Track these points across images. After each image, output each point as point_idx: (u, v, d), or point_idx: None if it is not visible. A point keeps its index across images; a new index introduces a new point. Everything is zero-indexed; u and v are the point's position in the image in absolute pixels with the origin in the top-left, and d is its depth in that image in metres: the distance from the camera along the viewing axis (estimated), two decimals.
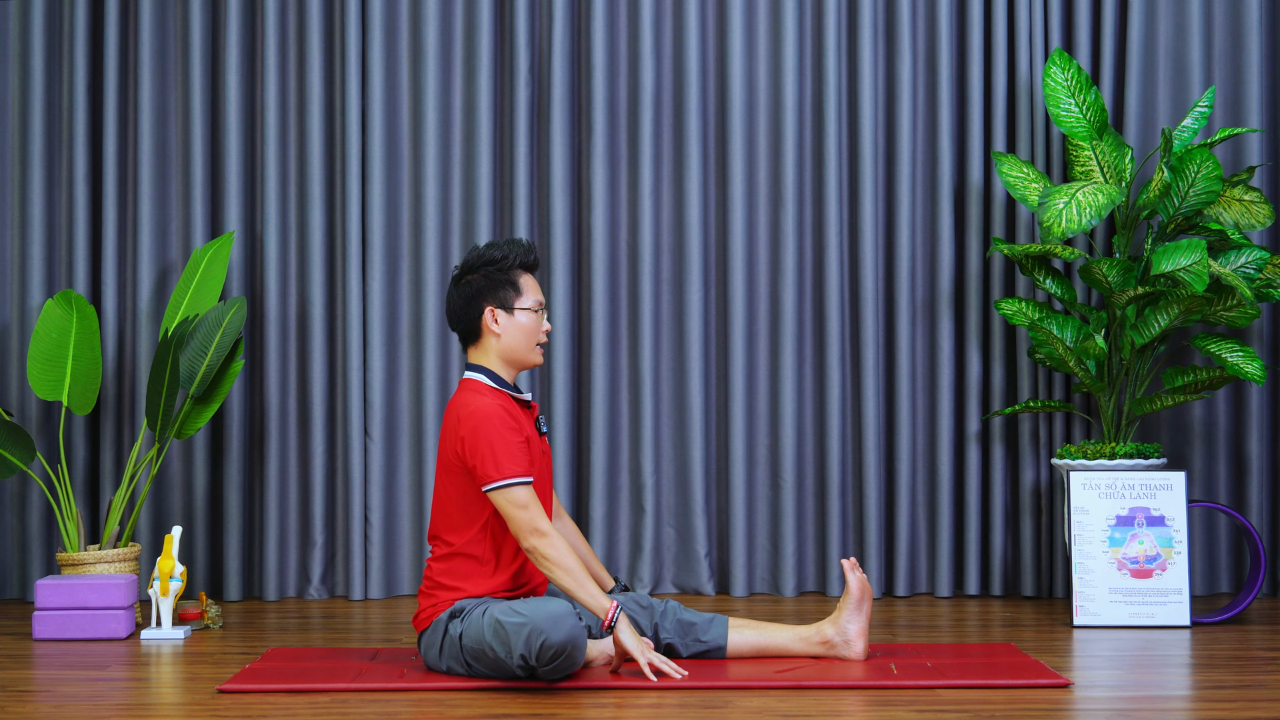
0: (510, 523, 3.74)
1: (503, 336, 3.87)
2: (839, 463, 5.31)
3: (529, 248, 3.92)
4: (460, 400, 3.83)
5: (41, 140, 5.33)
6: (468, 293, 3.88)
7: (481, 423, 3.76)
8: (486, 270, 3.88)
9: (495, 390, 3.85)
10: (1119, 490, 4.70)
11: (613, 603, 3.72)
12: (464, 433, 3.77)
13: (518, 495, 3.73)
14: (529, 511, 3.71)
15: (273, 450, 5.32)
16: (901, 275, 5.33)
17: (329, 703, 3.58)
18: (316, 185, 5.33)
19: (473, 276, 3.89)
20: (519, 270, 3.90)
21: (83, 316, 5.06)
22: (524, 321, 3.88)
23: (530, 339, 3.89)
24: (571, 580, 3.70)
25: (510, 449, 3.75)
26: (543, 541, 3.70)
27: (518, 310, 3.87)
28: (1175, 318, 4.79)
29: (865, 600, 3.96)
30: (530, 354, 3.91)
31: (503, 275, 3.87)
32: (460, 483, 3.83)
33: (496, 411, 3.77)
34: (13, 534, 5.33)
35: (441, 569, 3.85)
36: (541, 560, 3.71)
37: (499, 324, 3.86)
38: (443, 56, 5.35)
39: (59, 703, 3.66)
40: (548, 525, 3.72)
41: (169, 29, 5.36)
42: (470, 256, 3.91)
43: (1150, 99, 5.28)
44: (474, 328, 3.89)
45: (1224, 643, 4.36)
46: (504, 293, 3.87)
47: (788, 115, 5.31)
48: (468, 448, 3.77)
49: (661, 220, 5.37)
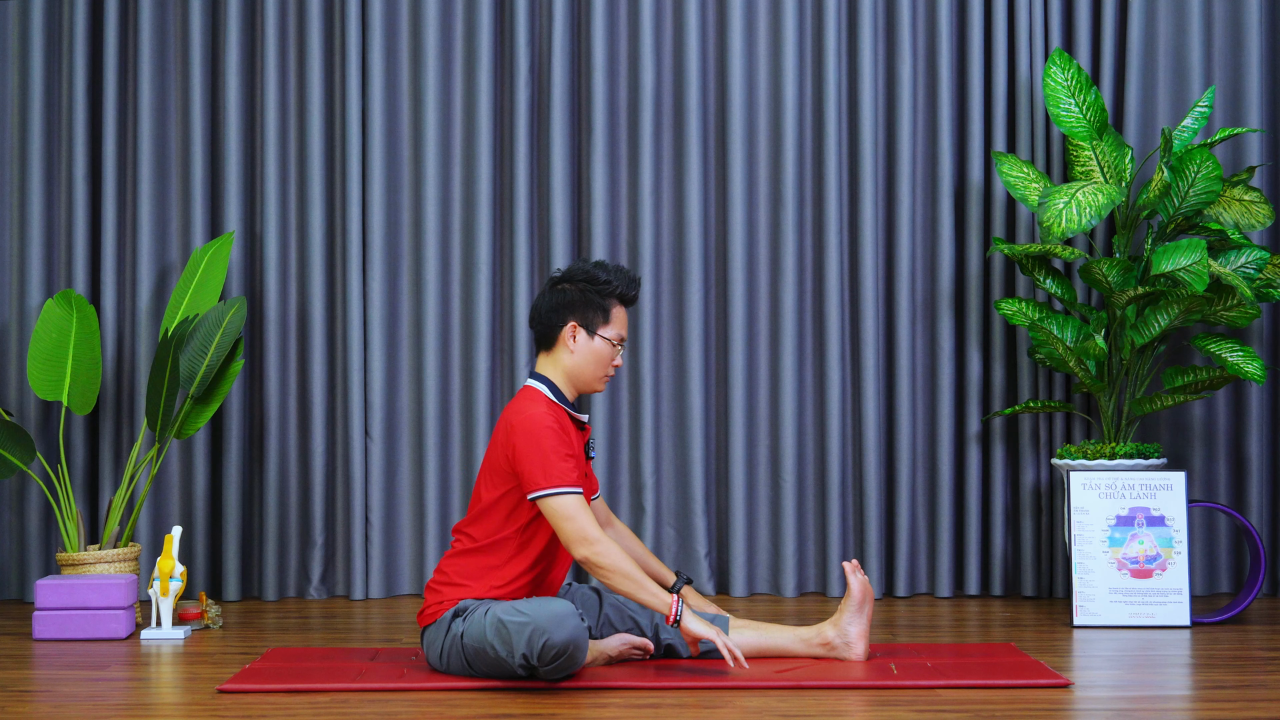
0: (560, 535, 3.72)
1: (575, 355, 3.88)
2: (839, 463, 5.31)
3: (633, 282, 3.92)
4: (517, 407, 3.83)
5: (41, 140, 5.33)
6: (559, 300, 3.88)
7: (534, 431, 3.75)
8: (584, 286, 3.88)
9: (552, 403, 3.85)
10: (1119, 490, 4.70)
11: (674, 597, 3.72)
12: (516, 439, 3.77)
13: (566, 505, 3.71)
14: (577, 522, 3.70)
15: (272, 450, 5.32)
16: (901, 275, 5.33)
17: (329, 703, 3.58)
18: (316, 185, 5.33)
19: (569, 286, 3.89)
20: (614, 300, 3.90)
21: (83, 316, 5.06)
22: (600, 348, 3.88)
23: (600, 367, 3.90)
24: (630, 583, 3.70)
25: (561, 459, 3.74)
26: (593, 550, 3.69)
27: (599, 336, 3.88)
28: (1175, 318, 4.79)
29: (867, 603, 3.96)
30: (595, 381, 3.91)
31: (598, 298, 3.88)
32: (503, 487, 3.82)
33: (550, 422, 3.77)
34: (12, 534, 5.33)
35: (456, 566, 3.84)
36: (596, 570, 3.70)
37: (576, 341, 3.87)
38: (443, 57, 5.35)
39: (59, 703, 3.66)
40: (597, 533, 3.71)
41: (169, 29, 5.36)
42: (574, 267, 3.92)
43: (1150, 99, 5.29)
44: (552, 335, 3.89)
45: (1224, 643, 4.36)
46: (592, 314, 3.87)
47: (788, 115, 5.31)
48: (519, 454, 3.76)
49: (661, 220, 5.37)
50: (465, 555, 3.85)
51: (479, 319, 5.32)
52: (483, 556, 3.83)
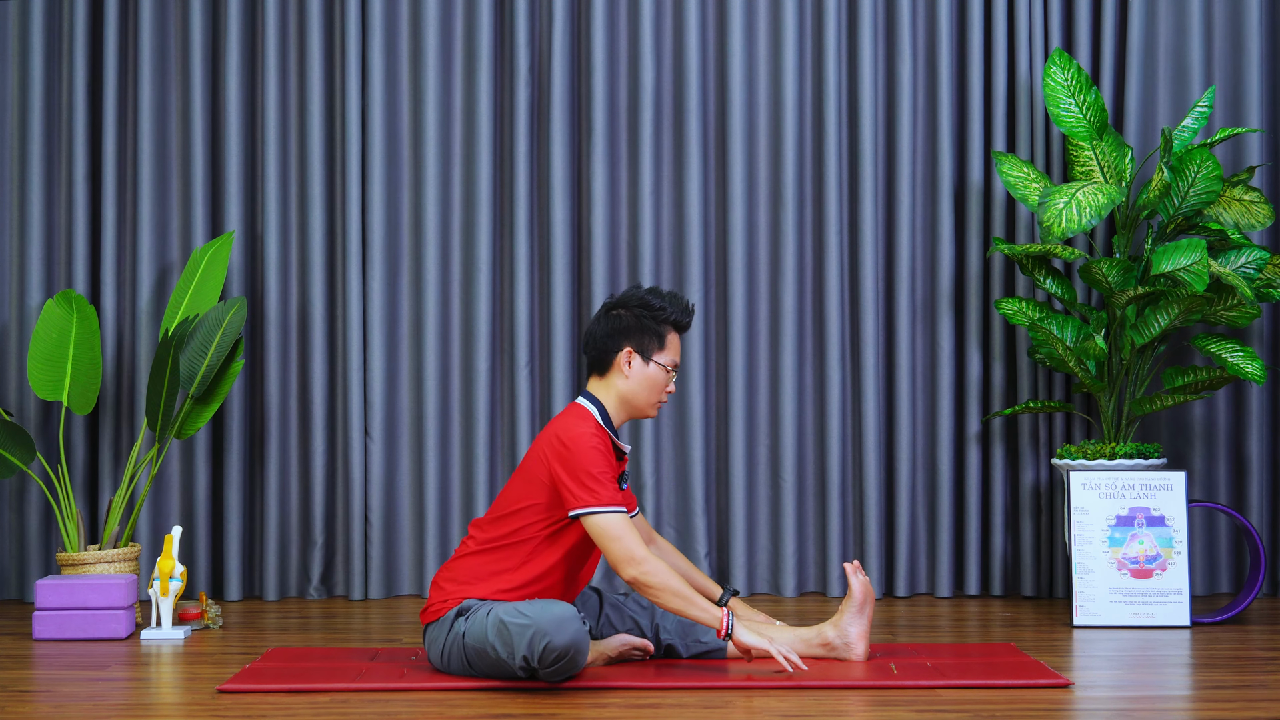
0: (607, 555, 3.72)
1: (630, 380, 3.88)
2: (839, 463, 5.31)
3: (687, 309, 3.94)
4: (566, 423, 3.83)
5: (41, 140, 5.33)
6: (614, 326, 3.89)
7: (582, 449, 3.75)
8: (640, 312, 3.89)
9: (600, 427, 3.85)
10: (1119, 490, 4.70)
11: (724, 611, 3.73)
12: (562, 454, 3.76)
13: (613, 525, 3.71)
14: (624, 542, 3.70)
15: (273, 450, 5.32)
16: (901, 275, 5.33)
17: (329, 703, 3.58)
18: (316, 185, 5.33)
19: (624, 312, 3.90)
20: (669, 326, 3.91)
21: (83, 316, 5.06)
22: (654, 374, 3.89)
23: (654, 393, 3.91)
24: (680, 600, 3.71)
25: (608, 479, 3.75)
26: (641, 570, 3.68)
27: (654, 362, 3.89)
28: (1175, 318, 4.79)
29: (868, 604, 3.96)
30: (648, 407, 3.93)
31: (653, 324, 3.89)
32: (535, 497, 3.81)
33: (598, 443, 3.78)
34: (12, 534, 5.33)
35: (467, 565, 3.82)
36: (645, 589, 3.70)
37: (631, 367, 3.88)
38: (443, 57, 5.35)
39: (59, 703, 3.66)
40: (644, 552, 3.71)
41: (169, 29, 5.36)
42: (629, 293, 3.93)
43: (1150, 99, 5.29)
44: (607, 360, 3.90)
45: (1224, 643, 4.36)
46: (648, 340, 3.89)
47: (788, 115, 5.31)
48: (564, 469, 3.75)
49: (661, 220, 5.37)
50: (477, 555, 3.84)
51: (479, 319, 5.32)
52: (495, 559, 3.82)
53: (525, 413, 5.31)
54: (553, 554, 3.81)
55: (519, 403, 5.31)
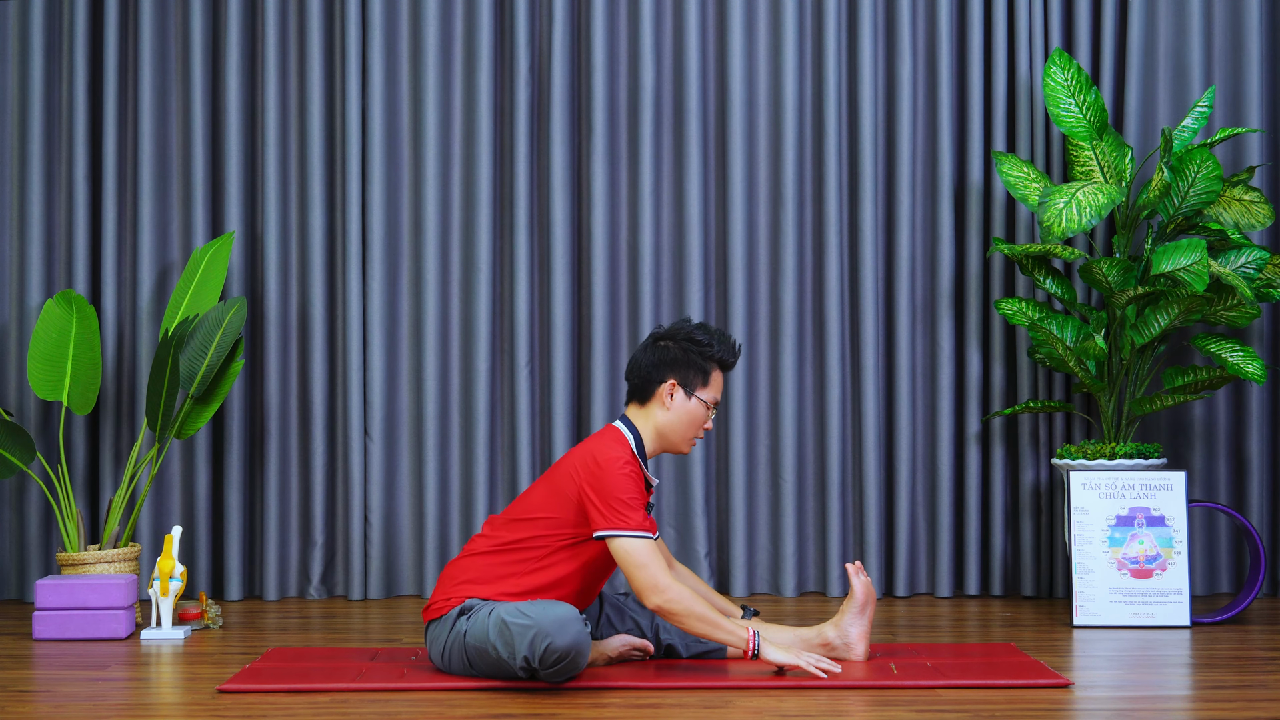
0: (631, 582, 3.71)
1: (670, 413, 3.89)
2: (839, 463, 5.31)
3: (734, 349, 3.95)
4: (601, 445, 3.82)
5: (41, 140, 5.33)
6: (660, 357, 3.90)
7: (615, 472, 3.74)
8: (686, 346, 3.89)
9: (633, 454, 3.84)
10: (1119, 490, 4.70)
11: (750, 631, 3.74)
12: (595, 475, 3.75)
13: (639, 552, 3.70)
14: (649, 570, 3.69)
15: (273, 450, 5.32)
16: (901, 275, 5.33)
17: (329, 703, 3.58)
18: (316, 185, 5.33)
19: (671, 344, 3.90)
20: (714, 363, 3.92)
21: (83, 316, 5.06)
22: (695, 409, 3.90)
23: (692, 428, 3.92)
24: (706, 625, 3.72)
25: (638, 505, 3.74)
26: (665, 598, 3.69)
27: (696, 397, 3.89)
28: (1175, 318, 4.79)
29: (869, 605, 3.96)
30: (683, 442, 3.93)
31: (700, 359, 3.89)
32: (560, 511, 3.80)
33: (630, 470, 3.78)
34: (12, 534, 5.33)
35: (477, 565, 3.81)
36: (670, 616, 3.71)
37: (673, 399, 3.88)
38: (443, 56, 5.36)
39: (59, 703, 3.66)
40: (668, 580, 3.70)
41: (169, 29, 5.36)
42: (677, 326, 3.94)
43: (1150, 99, 5.29)
44: (649, 390, 3.90)
45: (1224, 643, 4.36)
46: (692, 375, 3.89)
47: (788, 115, 5.31)
48: (595, 490, 3.74)
49: (661, 220, 5.37)
50: (487, 555, 3.83)
51: (479, 319, 5.32)
52: (505, 561, 3.80)
53: (525, 413, 5.31)
54: (565, 566, 3.80)
55: (519, 403, 5.31)
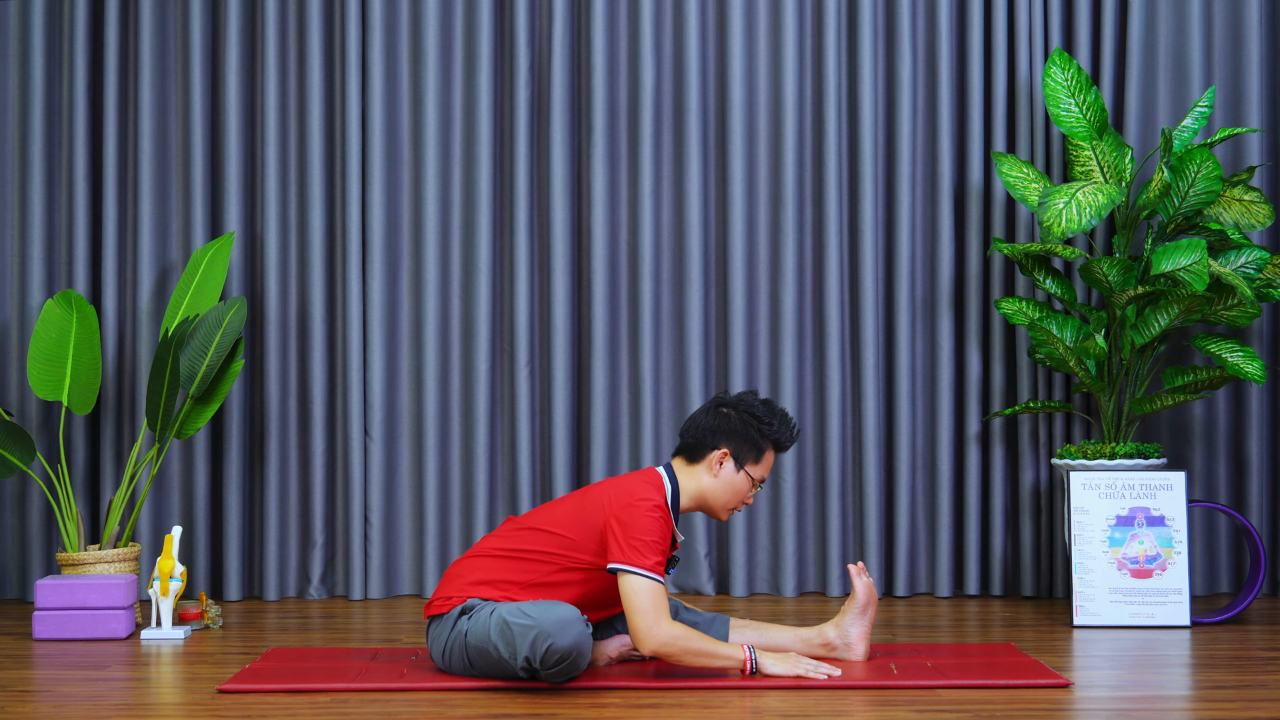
0: (630, 624, 3.68)
1: (717, 480, 3.89)
2: (839, 463, 5.31)
3: (793, 433, 3.94)
4: (638, 483, 3.81)
5: (41, 140, 5.33)
6: (721, 424, 3.89)
7: (643, 513, 3.73)
8: (747, 419, 3.89)
9: (666, 503, 3.83)
10: (1119, 490, 4.70)
11: (744, 649, 3.74)
12: (625, 510, 3.74)
13: (644, 594, 3.67)
14: (649, 618, 3.66)
15: (273, 450, 5.32)
16: (901, 275, 5.33)
17: (329, 703, 3.58)
18: (316, 185, 5.34)
19: (733, 414, 3.90)
20: (770, 443, 3.92)
21: (83, 316, 5.06)
22: (740, 483, 3.90)
23: (734, 500, 3.91)
24: (704, 658, 3.72)
25: (657, 549, 3.72)
26: (660, 643, 3.66)
27: (745, 471, 3.89)
28: (1175, 317, 4.79)
29: (870, 606, 3.96)
30: (721, 510, 3.93)
31: (758, 436, 3.89)
32: (583, 534, 3.79)
33: (660, 515, 3.76)
34: (13, 534, 5.33)
35: (482, 564, 3.81)
36: (668, 659, 3.70)
37: (721, 468, 3.88)
38: (443, 56, 5.36)
39: (59, 703, 3.66)
40: (663, 627, 3.67)
41: (169, 29, 5.36)
42: (743, 396, 3.93)
43: (1150, 99, 5.29)
44: (700, 453, 3.90)
45: (1224, 643, 4.36)
46: (746, 449, 3.89)
47: (788, 115, 5.31)
48: (621, 525, 3.73)
49: (661, 220, 5.37)
50: (495, 559, 3.81)
51: (479, 319, 5.32)
52: (510, 568, 3.79)
53: (525, 413, 5.31)
54: (571, 590, 3.79)
55: (519, 403, 5.31)
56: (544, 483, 5.36)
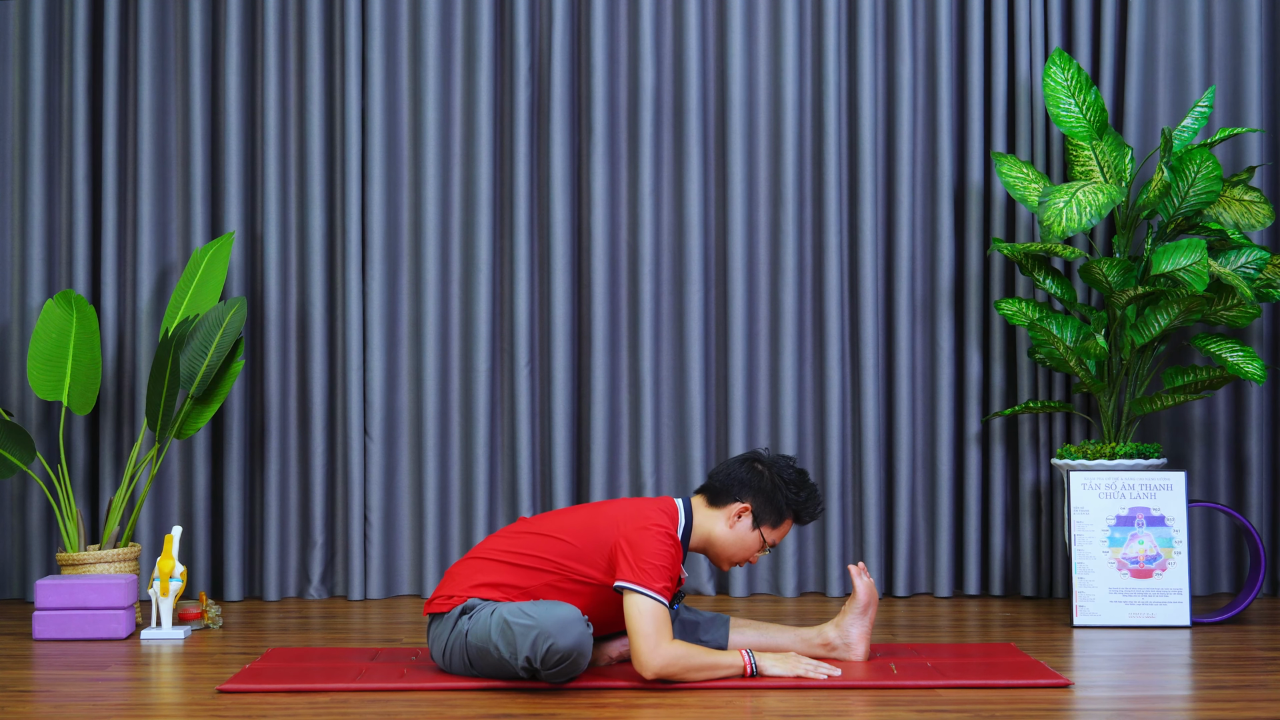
0: (632, 645, 3.67)
1: (731, 532, 3.89)
2: (839, 463, 5.31)
3: (817, 510, 3.94)
4: (654, 508, 3.81)
5: (41, 140, 5.33)
6: (751, 479, 3.89)
7: (656, 539, 3.72)
8: (778, 483, 3.89)
9: (677, 533, 3.82)
10: (1119, 490, 4.70)
11: (742, 653, 3.75)
12: (638, 533, 3.73)
13: (647, 615, 3.65)
14: (650, 640, 3.64)
15: (273, 450, 5.32)
16: (901, 275, 5.33)
17: (329, 703, 3.58)
18: (316, 185, 5.34)
19: (766, 473, 3.90)
20: (792, 513, 3.92)
21: (83, 316, 5.06)
22: (751, 540, 3.90)
23: (741, 554, 3.91)
24: (705, 672, 3.71)
25: (665, 574, 3.71)
26: (660, 667, 3.64)
27: (760, 531, 3.90)
28: (1175, 318, 4.79)
29: (871, 606, 3.96)
30: (726, 560, 3.93)
31: (783, 503, 3.89)
32: (587, 548, 3.78)
33: (671, 544, 3.75)
34: (13, 534, 5.33)
35: (485, 566, 3.80)
36: (672, 680, 3.68)
37: (739, 520, 3.89)
38: (443, 56, 5.36)
39: (59, 703, 3.66)
40: (664, 649, 3.65)
41: (169, 29, 5.36)
42: (781, 459, 3.93)
43: (1150, 99, 5.29)
44: (725, 499, 3.90)
45: (1224, 643, 4.36)
46: (769, 511, 3.89)
47: (788, 115, 5.31)
48: (631, 546, 3.71)
49: (661, 220, 5.37)
50: (503, 564, 3.80)
51: (479, 319, 5.32)
52: (510, 574, 3.79)
53: (525, 413, 5.31)
54: (575, 601, 3.77)
55: (519, 403, 5.31)
56: (544, 483, 5.36)
